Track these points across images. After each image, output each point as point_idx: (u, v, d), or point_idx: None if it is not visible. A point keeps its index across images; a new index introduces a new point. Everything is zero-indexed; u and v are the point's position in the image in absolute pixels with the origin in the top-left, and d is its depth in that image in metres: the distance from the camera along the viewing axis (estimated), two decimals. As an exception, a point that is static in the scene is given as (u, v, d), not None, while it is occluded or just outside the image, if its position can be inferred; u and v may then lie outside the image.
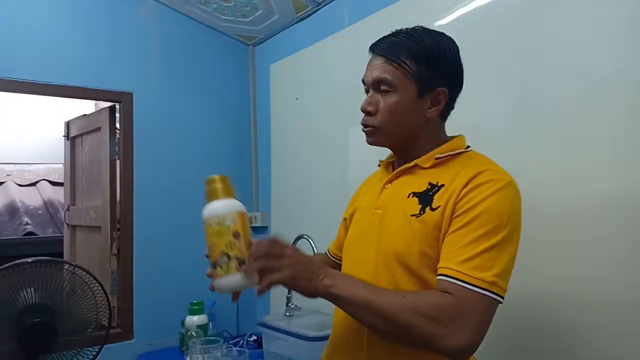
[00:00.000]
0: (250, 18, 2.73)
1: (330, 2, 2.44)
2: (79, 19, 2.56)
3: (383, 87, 0.99)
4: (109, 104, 2.75)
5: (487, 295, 0.83)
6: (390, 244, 0.98)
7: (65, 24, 2.52)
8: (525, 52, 1.55)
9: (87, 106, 3.86)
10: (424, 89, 0.99)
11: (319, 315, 2.13)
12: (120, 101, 2.68)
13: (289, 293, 2.24)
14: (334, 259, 1.34)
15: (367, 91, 1.05)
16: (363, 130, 1.05)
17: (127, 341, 2.57)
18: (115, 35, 2.65)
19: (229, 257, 0.90)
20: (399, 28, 1.04)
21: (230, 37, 2.99)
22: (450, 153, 1.01)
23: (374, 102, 1.01)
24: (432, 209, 0.93)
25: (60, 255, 3.20)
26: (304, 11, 2.56)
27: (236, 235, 0.91)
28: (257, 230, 2.99)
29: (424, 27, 1.02)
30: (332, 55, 2.41)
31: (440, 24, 1.85)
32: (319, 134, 2.48)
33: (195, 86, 2.90)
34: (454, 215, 0.90)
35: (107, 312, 2.05)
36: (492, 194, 0.89)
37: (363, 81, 1.05)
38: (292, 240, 2.29)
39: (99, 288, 2.03)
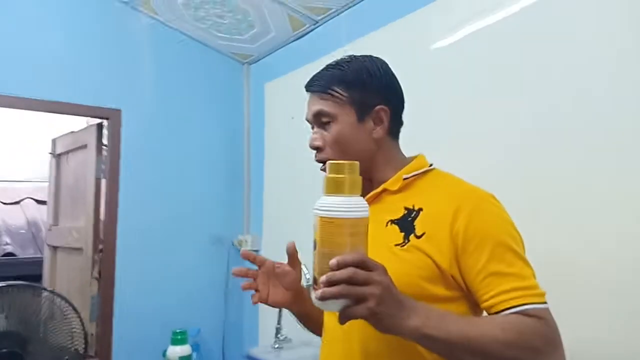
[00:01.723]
0: (246, 36, 2.66)
1: (327, 21, 2.38)
2: (68, 33, 2.48)
3: (323, 120, 0.99)
4: (98, 120, 2.65)
5: (548, 306, 0.83)
6: None
7: (54, 38, 2.45)
8: (519, 81, 1.52)
9: (79, 124, 3.75)
10: (363, 111, 0.98)
11: (310, 347, 2.00)
12: (108, 118, 2.58)
13: (278, 323, 2.11)
14: None
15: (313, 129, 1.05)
16: (321, 169, 0.99)
17: (105, 371, 2.42)
18: (105, 50, 2.58)
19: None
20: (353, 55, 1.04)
21: (225, 54, 2.92)
22: (417, 172, 0.98)
23: (319, 137, 1.00)
24: (417, 236, 0.89)
25: (40, 277, 3.05)
26: (301, 29, 2.50)
27: (314, 244, 0.74)
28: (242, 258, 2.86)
29: (351, 55, 1.02)
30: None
31: (437, 45, 1.80)
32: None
33: (187, 104, 2.81)
34: (470, 248, 0.86)
35: (83, 339, 1.93)
36: (492, 215, 0.89)
37: (307, 121, 1.05)
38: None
39: (74, 313, 1.91)
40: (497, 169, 1.55)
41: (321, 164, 1.00)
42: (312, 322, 1.06)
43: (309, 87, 1.02)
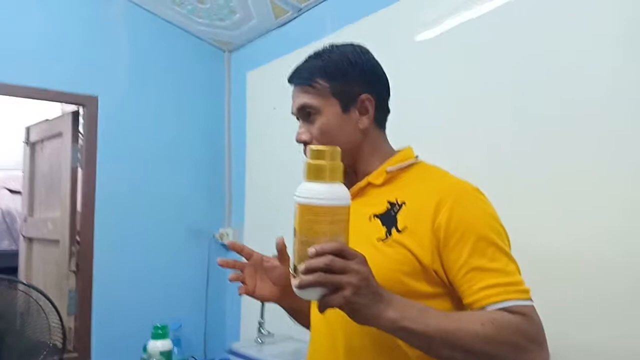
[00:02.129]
0: (227, 22, 2.59)
1: (312, 8, 2.33)
2: (42, 17, 2.39)
3: (308, 113, 0.98)
4: (74, 108, 2.57)
5: (533, 304, 0.82)
6: None
7: (28, 22, 2.35)
8: (506, 68, 1.50)
9: (53, 112, 3.65)
10: (347, 101, 0.96)
11: (293, 342, 1.98)
12: (84, 105, 2.50)
13: (261, 317, 2.08)
14: None
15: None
16: None
17: (84, 366, 2.37)
18: (81, 34, 2.49)
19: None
20: (354, 42, 1.02)
21: (206, 41, 2.85)
22: (401, 165, 0.97)
23: (306, 131, 0.99)
24: (399, 230, 0.89)
25: (15, 270, 2.97)
26: (284, 16, 2.44)
27: (294, 232, 0.73)
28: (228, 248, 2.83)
29: (332, 44, 1.01)
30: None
31: (425, 35, 1.79)
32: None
33: (167, 92, 2.74)
34: (452, 242, 0.84)
35: (62, 334, 1.88)
36: (475, 208, 0.88)
37: (293, 114, 1.03)
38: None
39: (52, 307, 1.86)
40: (482, 163, 1.53)
41: None
42: (303, 317, 1.05)
43: (291, 79, 1.00)
